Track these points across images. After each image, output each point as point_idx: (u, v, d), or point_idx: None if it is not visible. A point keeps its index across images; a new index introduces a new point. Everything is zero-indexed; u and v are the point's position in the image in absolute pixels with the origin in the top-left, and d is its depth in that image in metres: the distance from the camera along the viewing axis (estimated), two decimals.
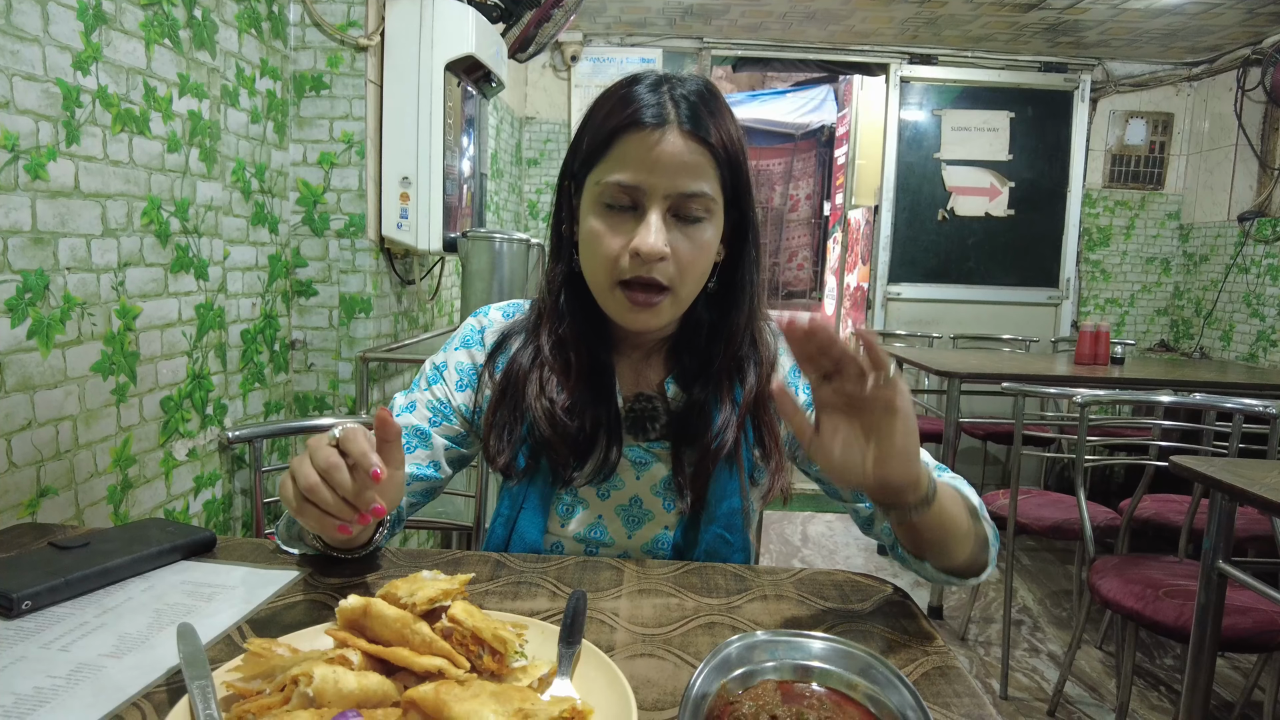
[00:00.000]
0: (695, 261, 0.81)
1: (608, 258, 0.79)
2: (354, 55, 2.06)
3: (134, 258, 1.43)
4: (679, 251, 0.79)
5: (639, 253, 0.77)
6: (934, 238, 4.22)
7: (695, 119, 0.78)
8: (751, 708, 0.51)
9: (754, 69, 4.51)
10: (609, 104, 0.81)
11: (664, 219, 0.78)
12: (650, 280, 0.79)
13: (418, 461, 0.90)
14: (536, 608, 0.73)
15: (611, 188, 0.79)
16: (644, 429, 0.89)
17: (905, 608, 0.77)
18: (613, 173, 0.78)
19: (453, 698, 0.49)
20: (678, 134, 0.77)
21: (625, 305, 0.81)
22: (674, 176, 0.77)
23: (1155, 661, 2.48)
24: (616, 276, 0.80)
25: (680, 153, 0.77)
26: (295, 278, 2.08)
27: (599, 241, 0.80)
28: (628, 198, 0.79)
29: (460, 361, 0.94)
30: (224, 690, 0.55)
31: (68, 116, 1.25)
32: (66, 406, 1.27)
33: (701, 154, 0.78)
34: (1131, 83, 4.15)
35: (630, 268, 0.79)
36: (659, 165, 0.77)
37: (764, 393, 0.87)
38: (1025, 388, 2.23)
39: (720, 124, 0.80)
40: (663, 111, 0.77)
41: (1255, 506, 1.26)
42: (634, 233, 0.78)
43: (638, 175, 0.77)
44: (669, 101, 0.78)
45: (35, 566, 0.74)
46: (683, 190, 0.78)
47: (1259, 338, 3.63)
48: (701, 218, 0.80)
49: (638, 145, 0.77)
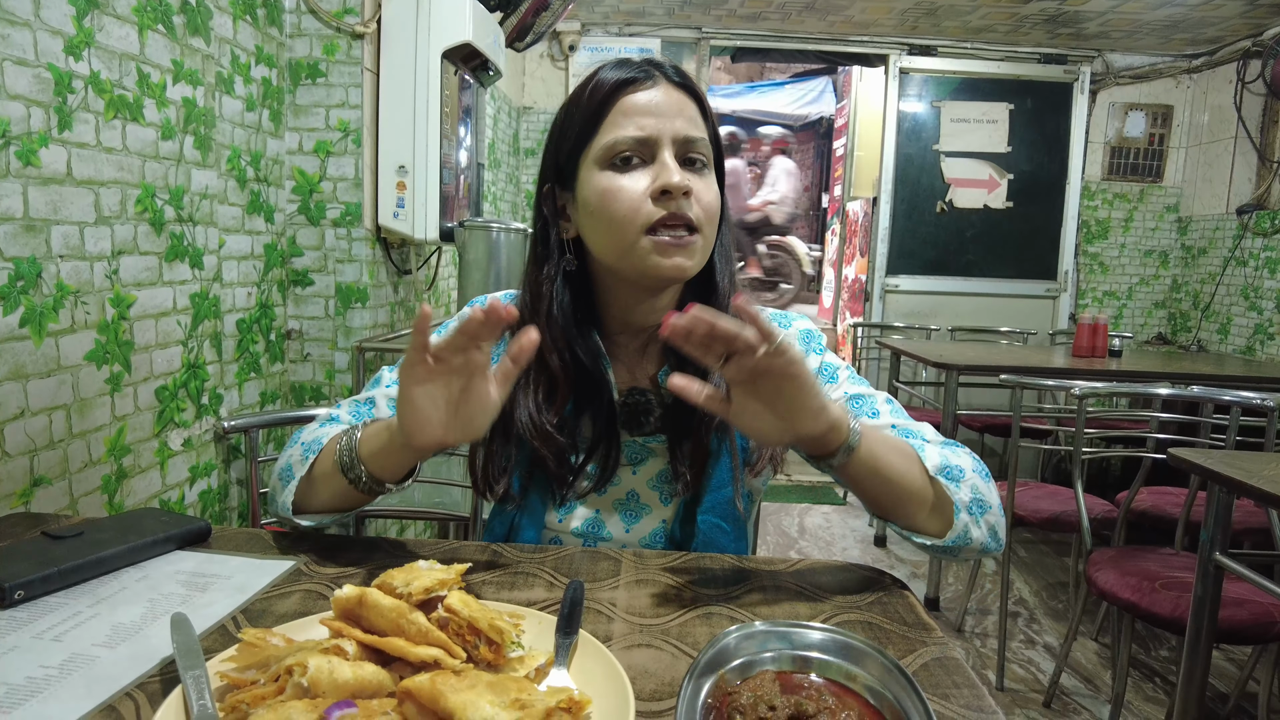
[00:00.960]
0: (714, 204, 0.82)
1: (631, 207, 0.78)
2: (350, 43, 2.04)
3: (128, 246, 1.42)
4: (699, 194, 0.80)
5: (667, 187, 0.77)
6: (932, 230, 4.21)
7: (680, 74, 0.83)
8: (750, 698, 0.51)
9: (753, 59, 4.48)
10: (590, 84, 0.82)
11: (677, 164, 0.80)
12: (682, 218, 0.78)
13: None
14: (534, 598, 0.73)
15: (620, 145, 0.79)
16: (638, 423, 0.88)
17: (903, 599, 0.77)
18: (615, 133, 0.79)
19: (449, 688, 0.49)
20: (668, 84, 0.81)
21: (658, 248, 0.79)
22: (675, 121, 0.80)
23: (1151, 653, 2.49)
24: (644, 223, 0.78)
25: (677, 100, 0.81)
26: (291, 267, 2.07)
27: (618, 196, 0.79)
28: (638, 150, 0.79)
29: None
30: (218, 680, 0.54)
31: (60, 102, 1.23)
32: (60, 395, 1.27)
33: (692, 103, 0.82)
34: (1131, 75, 4.14)
35: (658, 208, 0.78)
36: (662, 111, 0.79)
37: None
38: (1023, 380, 2.23)
39: (699, 86, 0.84)
40: (649, 70, 0.81)
41: (1253, 499, 1.26)
42: (651, 177, 0.79)
43: (644, 123, 0.79)
44: (650, 64, 0.82)
45: (28, 556, 0.73)
46: (687, 134, 0.80)
47: (1256, 330, 3.63)
48: (705, 163, 0.83)
49: (636, 100, 0.80)
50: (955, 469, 0.78)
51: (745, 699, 0.51)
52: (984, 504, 0.78)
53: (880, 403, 0.88)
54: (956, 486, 0.76)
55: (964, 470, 0.78)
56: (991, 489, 0.80)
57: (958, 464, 0.78)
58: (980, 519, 0.77)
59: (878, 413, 0.86)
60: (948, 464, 0.78)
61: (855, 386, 0.90)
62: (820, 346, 0.93)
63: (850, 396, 0.88)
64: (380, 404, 0.91)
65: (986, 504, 0.78)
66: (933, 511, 0.77)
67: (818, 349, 0.92)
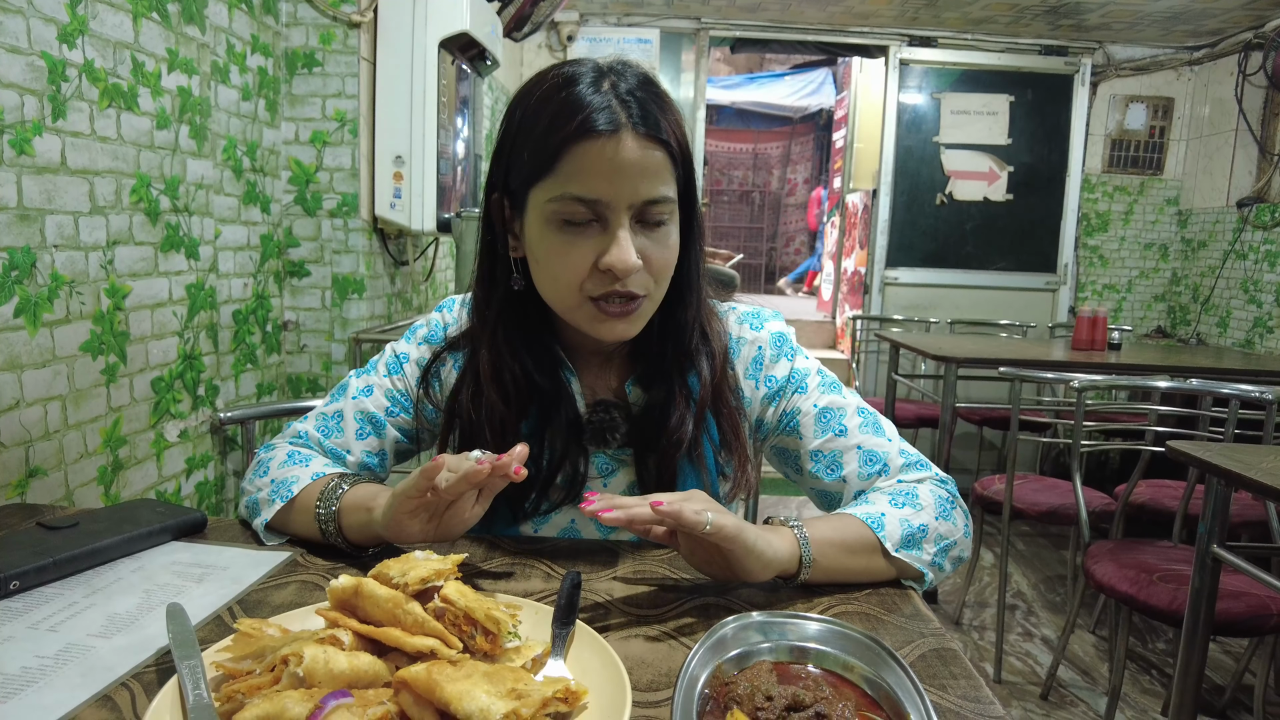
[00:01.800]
0: (667, 264, 0.77)
1: (575, 276, 0.74)
2: (347, 32, 2.03)
3: (123, 236, 1.41)
4: (650, 259, 0.75)
5: (613, 269, 0.72)
6: (932, 222, 4.20)
7: (647, 118, 0.72)
8: (747, 688, 0.50)
9: (752, 50, 4.47)
10: (548, 110, 0.72)
11: (630, 228, 0.73)
12: (626, 293, 0.74)
13: (367, 449, 0.88)
14: (531, 589, 0.73)
15: (568, 203, 0.72)
16: (604, 439, 0.85)
17: (901, 590, 0.77)
18: (567, 187, 0.72)
19: (445, 678, 0.49)
20: (633, 138, 0.71)
21: (599, 317, 0.76)
22: (636, 184, 0.72)
23: (1148, 645, 2.50)
24: (586, 294, 0.75)
25: (640, 159, 0.71)
26: (287, 258, 2.06)
27: (561, 260, 0.74)
28: (588, 212, 0.72)
29: (422, 357, 0.91)
30: (213, 671, 0.54)
31: (53, 91, 1.22)
32: (55, 386, 1.26)
33: (659, 155, 0.73)
34: (1132, 66, 4.12)
35: (602, 284, 0.74)
36: (619, 174, 0.71)
37: (721, 386, 0.85)
38: (1022, 373, 2.22)
39: (670, 118, 0.74)
40: (614, 116, 0.71)
41: (1251, 491, 1.26)
42: (599, 247, 0.73)
43: (597, 188, 0.71)
44: (617, 103, 0.72)
45: (23, 547, 0.73)
46: (646, 197, 0.73)
47: (1256, 324, 3.63)
48: (664, 220, 0.76)
49: (594, 156, 0.71)
50: (917, 532, 0.78)
51: (742, 689, 0.50)
52: (947, 547, 0.80)
53: (850, 415, 0.86)
54: (919, 551, 0.78)
55: (926, 527, 0.79)
56: (953, 518, 0.81)
57: (919, 523, 0.78)
58: (944, 562, 0.80)
59: (845, 429, 0.85)
60: (909, 531, 0.78)
61: (825, 397, 0.87)
62: (792, 350, 0.90)
63: (820, 410, 0.86)
64: (348, 418, 0.88)
65: (949, 543, 0.80)
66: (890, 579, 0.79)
67: (789, 354, 0.89)
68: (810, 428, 0.86)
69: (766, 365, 0.88)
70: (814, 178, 8.76)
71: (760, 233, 9.60)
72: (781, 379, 0.88)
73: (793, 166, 9.45)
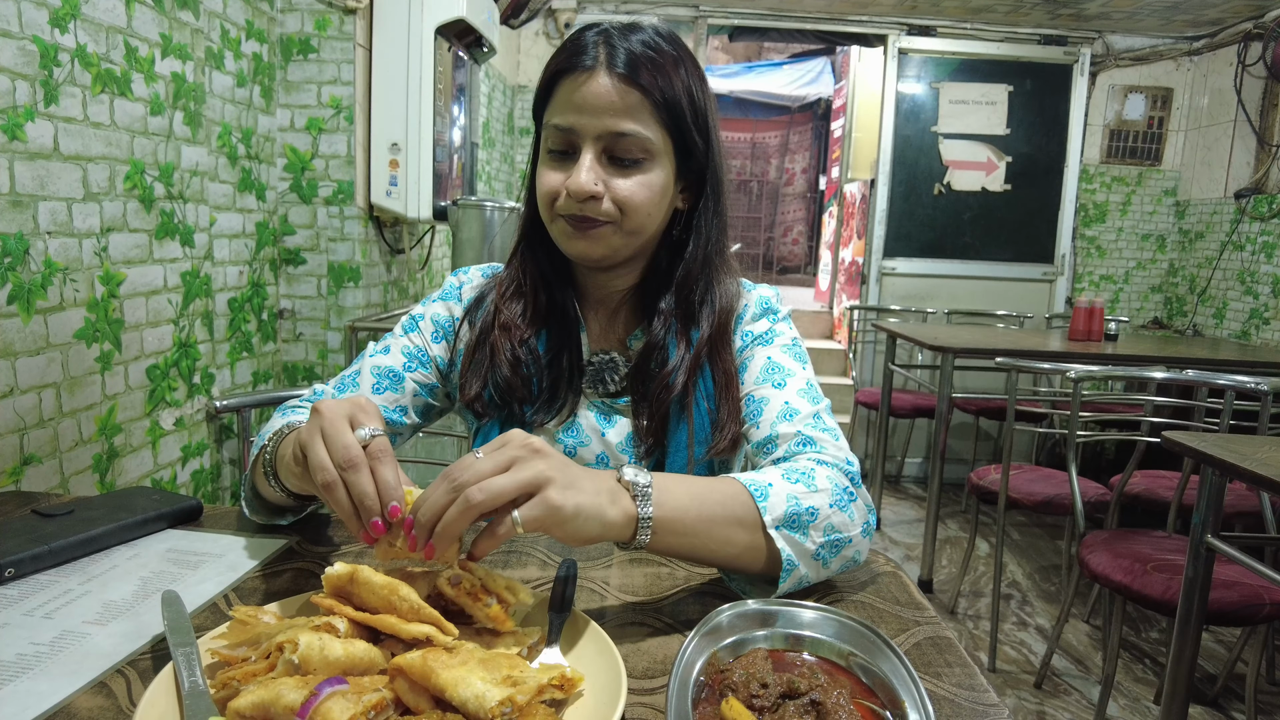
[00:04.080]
0: (633, 199, 0.82)
1: (547, 197, 0.83)
2: (342, 18, 2.01)
3: (117, 223, 1.40)
4: (615, 189, 0.81)
5: (568, 190, 0.80)
6: (930, 212, 4.19)
7: (630, 63, 0.79)
8: (742, 676, 0.50)
9: (750, 38, 4.44)
10: (556, 51, 0.84)
11: (599, 159, 0.81)
12: (584, 217, 0.82)
13: (384, 404, 0.90)
14: (527, 576, 0.73)
15: (552, 131, 0.82)
16: (604, 381, 0.90)
17: (897, 578, 0.77)
18: (552, 116, 0.82)
19: (440, 665, 0.49)
20: (606, 75, 0.79)
21: (567, 232, 0.84)
22: (602, 117, 0.79)
23: (1141, 635, 2.52)
24: (557, 212, 0.83)
25: (606, 93, 0.79)
26: (283, 245, 2.05)
27: (541, 182, 0.84)
28: (565, 140, 0.81)
29: (437, 314, 0.95)
30: (209, 657, 0.54)
31: (45, 76, 1.21)
32: (49, 374, 1.25)
33: (633, 95, 0.80)
34: (1131, 56, 4.11)
35: (565, 206, 0.82)
36: (586, 106, 0.79)
37: (720, 339, 0.89)
38: (1019, 363, 2.23)
39: (658, 70, 0.80)
40: (595, 55, 0.80)
41: (1245, 481, 1.26)
42: (569, 172, 0.81)
43: (569, 117, 0.80)
44: (604, 47, 0.80)
45: (18, 534, 0.73)
46: (613, 130, 0.80)
47: (1252, 315, 3.64)
48: (639, 159, 0.82)
49: (570, 88, 0.80)
50: (804, 514, 0.70)
51: (738, 677, 0.50)
52: (838, 543, 0.71)
53: (796, 379, 0.86)
54: (802, 536, 0.69)
55: (816, 511, 0.71)
56: (853, 513, 0.73)
57: (811, 504, 0.71)
58: (831, 559, 0.72)
59: (784, 385, 0.86)
60: (795, 510, 0.70)
61: (783, 356, 0.89)
62: (775, 314, 0.94)
63: (771, 362, 0.88)
64: (365, 374, 0.91)
65: (843, 540, 0.72)
66: (759, 569, 0.71)
67: (771, 316, 0.93)
68: (754, 373, 0.89)
69: (747, 321, 0.93)
70: (812, 167, 8.74)
71: (758, 222, 9.57)
72: (756, 333, 0.92)
73: (791, 156, 9.42)
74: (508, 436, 0.60)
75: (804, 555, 0.69)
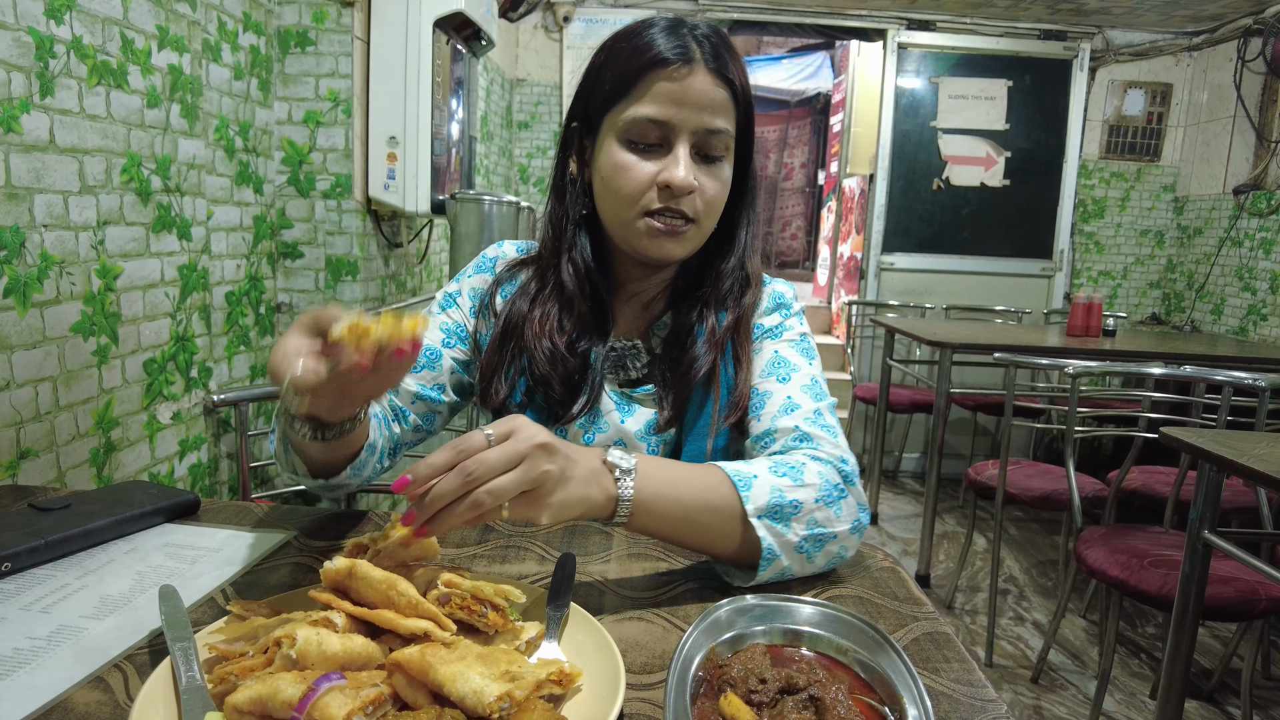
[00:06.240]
0: (718, 198, 0.84)
1: (636, 190, 0.81)
2: (340, 10, 2.00)
3: (114, 216, 1.39)
4: (704, 187, 0.82)
5: (670, 184, 0.79)
6: (929, 207, 4.19)
7: (718, 57, 0.80)
8: (741, 671, 0.50)
9: (750, 33, 4.43)
10: (630, 44, 0.82)
11: (690, 155, 0.81)
12: (679, 211, 0.81)
13: (422, 382, 0.90)
14: (525, 571, 0.73)
15: (640, 123, 0.80)
16: (625, 368, 0.91)
17: (895, 574, 0.77)
18: (642, 109, 0.80)
19: (438, 660, 0.49)
20: (705, 71, 0.80)
21: (652, 232, 0.82)
22: (701, 113, 0.80)
23: (1137, 630, 2.53)
24: (644, 208, 0.82)
25: (707, 90, 0.80)
26: (280, 239, 2.05)
27: (626, 175, 0.81)
28: (656, 133, 0.80)
29: (475, 286, 0.95)
30: (206, 652, 0.54)
31: (41, 67, 1.21)
32: (46, 367, 1.25)
33: (724, 92, 0.81)
34: (1131, 52, 4.10)
35: (659, 199, 0.81)
36: (688, 101, 0.79)
37: (745, 324, 0.91)
38: (1017, 359, 2.23)
39: (737, 64, 0.82)
40: (689, 49, 0.79)
41: (1242, 477, 1.27)
42: (661, 166, 0.80)
43: (667, 111, 0.79)
44: (693, 41, 0.80)
45: (15, 528, 0.73)
46: (708, 127, 0.80)
47: (1250, 311, 3.64)
48: (721, 155, 0.83)
49: (668, 82, 0.79)
50: (788, 506, 0.70)
51: (736, 672, 0.50)
52: (822, 538, 0.71)
53: (802, 375, 0.87)
54: (784, 528, 0.70)
55: (800, 504, 0.71)
56: (842, 509, 0.73)
57: (795, 498, 0.71)
58: (815, 553, 0.72)
59: (788, 379, 0.86)
60: (778, 502, 0.70)
61: (790, 351, 0.90)
62: (788, 309, 0.95)
63: (778, 356, 0.89)
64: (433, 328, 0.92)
65: (827, 535, 0.72)
66: (739, 556, 0.72)
67: (785, 310, 0.95)
68: (761, 367, 0.90)
69: (760, 314, 0.94)
70: (811, 162, 8.72)
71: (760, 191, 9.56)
72: (767, 327, 0.93)
73: (790, 151, 9.39)
74: (516, 425, 0.61)
75: (786, 546, 0.70)
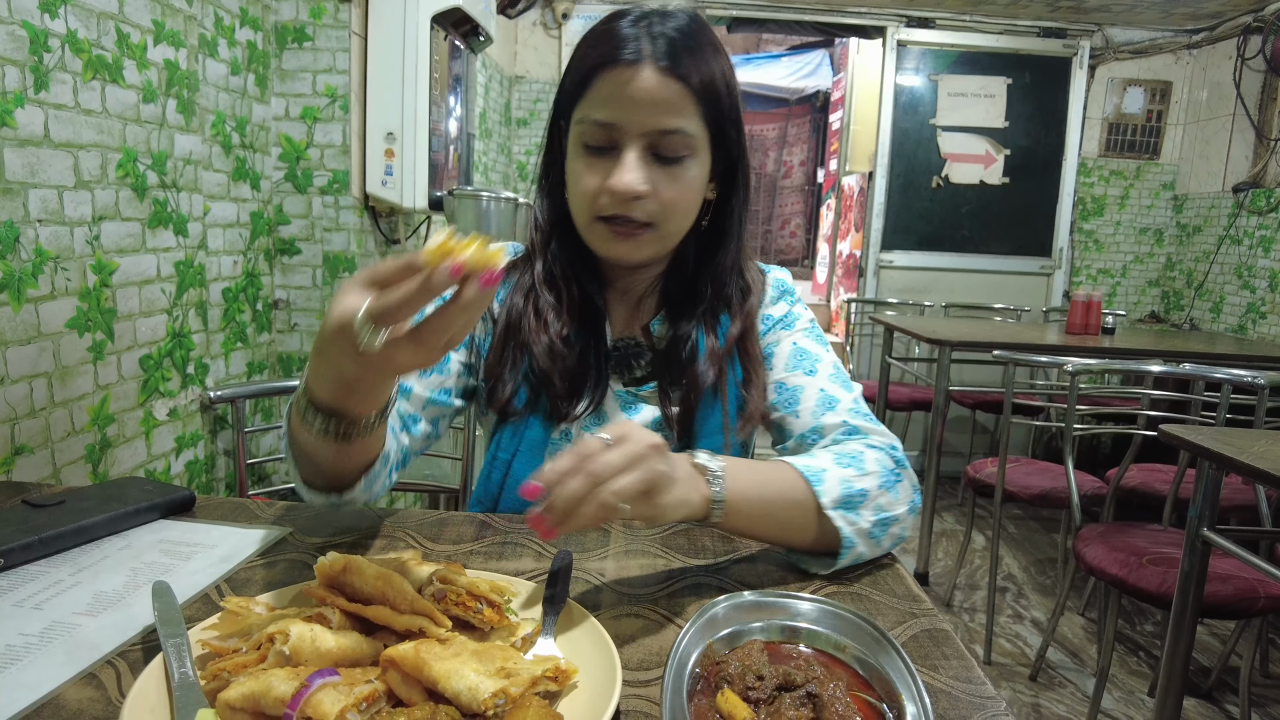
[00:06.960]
0: (678, 200, 0.81)
1: (586, 195, 0.80)
2: (337, 6, 1.99)
3: (109, 211, 1.39)
4: (660, 190, 0.79)
5: (612, 190, 0.78)
6: (928, 205, 4.18)
7: (673, 55, 0.77)
8: (738, 668, 0.50)
9: (749, 30, 4.42)
10: (590, 40, 0.80)
11: (643, 157, 0.78)
12: (628, 218, 0.80)
13: (429, 388, 0.89)
14: (522, 568, 0.72)
15: (590, 127, 0.79)
16: (629, 366, 0.90)
17: (894, 571, 0.76)
18: (591, 111, 0.78)
19: (433, 656, 0.48)
20: (653, 70, 0.76)
21: (605, 236, 0.82)
22: (648, 114, 0.77)
23: (1136, 628, 2.53)
24: (595, 213, 0.81)
25: (654, 89, 0.76)
26: (278, 235, 2.04)
27: (578, 180, 0.81)
28: (604, 136, 0.78)
29: None
30: (200, 649, 0.54)
31: (35, 61, 1.20)
32: (41, 363, 1.24)
33: (679, 91, 0.77)
34: (1130, 49, 4.09)
35: (608, 205, 0.79)
36: (633, 103, 0.76)
37: (749, 328, 0.90)
38: (1016, 357, 2.22)
39: (700, 61, 0.78)
40: (639, 48, 0.76)
41: (1241, 474, 1.26)
42: (611, 170, 0.78)
43: (613, 113, 0.77)
44: (646, 38, 0.77)
45: (8, 524, 0.72)
46: (660, 127, 0.77)
47: (1249, 309, 3.64)
48: (683, 155, 0.80)
49: (613, 82, 0.77)
50: (856, 496, 0.74)
51: (733, 668, 0.50)
52: (887, 521, 0.75)
53: (824, 363, 0.90)
54: (855, 516, 0.73)
55: (866, 493, 0.74)
56: (899, 492, 0.77)
57: (861, 487, 0.74)
58: (882, 536, 0.75)
59: (815, 371, 0.88)
60: (849, 492, 0.74)
61: (807, 340, 0.92)
62: (792, 297, 0.96)
63: (798, 349, 0.91)
64: None
65: (891, 519, 0.75)
66: (817, 545, 0.74)
67: (789, 299, 0.95)
68: (782, 360, 0.90)
69: (766, 304, 0.94)
70: (810, 160, 8.72)
71: (756, 215, 9.55)
72: (776, 317, 0.93)
73: (789, 149, 9.39)
74: (629, 429, 0.61)
75: (860, 534, 0.73)
